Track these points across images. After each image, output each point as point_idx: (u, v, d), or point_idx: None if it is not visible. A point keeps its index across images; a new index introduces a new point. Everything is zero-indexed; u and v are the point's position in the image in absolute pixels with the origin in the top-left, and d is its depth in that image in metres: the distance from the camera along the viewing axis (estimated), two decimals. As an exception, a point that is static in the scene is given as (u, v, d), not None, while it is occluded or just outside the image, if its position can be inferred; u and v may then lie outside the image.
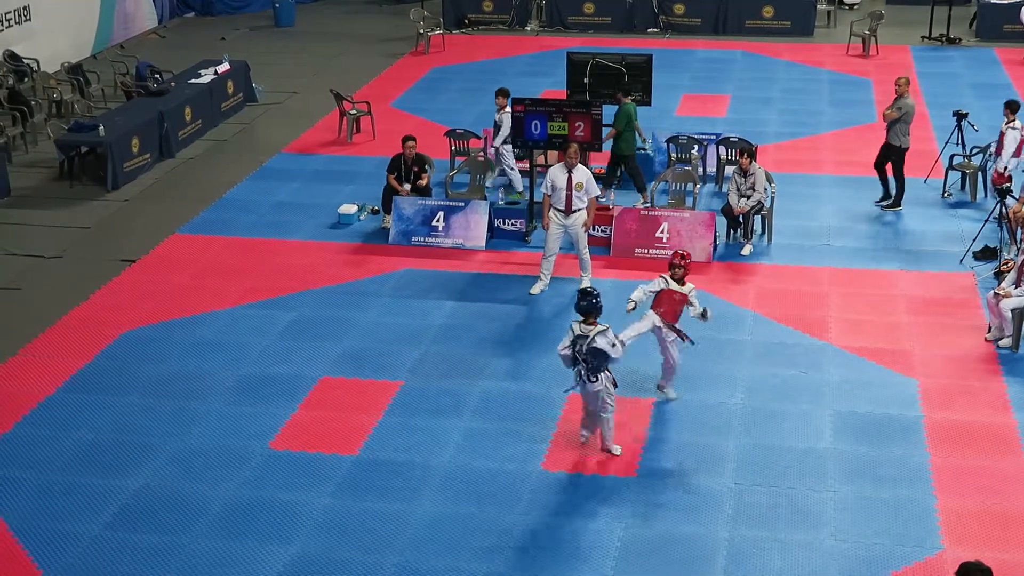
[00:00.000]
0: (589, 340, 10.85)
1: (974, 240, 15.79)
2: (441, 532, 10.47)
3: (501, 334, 14.01)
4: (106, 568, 10.06)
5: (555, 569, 9.99)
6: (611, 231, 16.12)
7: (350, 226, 17.20)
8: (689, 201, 17.05)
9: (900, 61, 26.14)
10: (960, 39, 27.77)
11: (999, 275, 14.69)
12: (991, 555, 9.71)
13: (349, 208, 17.40)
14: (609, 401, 11.21)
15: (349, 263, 16.04)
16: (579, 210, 14.65)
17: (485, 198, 17.09)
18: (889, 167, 17.29)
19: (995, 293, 13.53)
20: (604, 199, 15.91)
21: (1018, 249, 14.82)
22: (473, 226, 16.41)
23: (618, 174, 17.62)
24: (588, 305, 10.95)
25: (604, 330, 10.89)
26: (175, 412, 12.41)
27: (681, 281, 12.05)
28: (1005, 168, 16.77)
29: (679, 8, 29.22)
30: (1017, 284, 13.48)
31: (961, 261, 15.64)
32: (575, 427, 11.94)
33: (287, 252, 16.39)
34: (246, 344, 13.82)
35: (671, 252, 12.51)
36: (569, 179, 14.56)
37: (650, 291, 12.12)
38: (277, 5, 30.87)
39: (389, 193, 16.85)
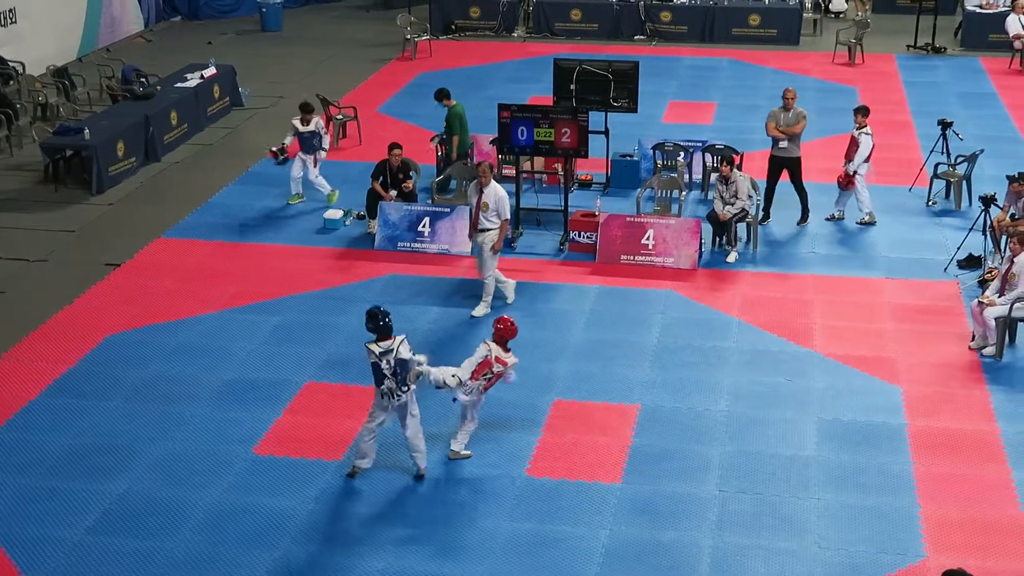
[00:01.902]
0: (395, 353, 10.82)
1: (958, 249, 15.83)
2: (426, 537, 10.46)
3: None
4: (88, 573, 10.03)
5: (539, 575, 9.98)
6: (597, 238, 16.13)
7: (335, 231, 17.17)
8: (675, 208, 17.08)
9: (885, 70, 26.23)
10: (945, 48, 27.87)
11: (983, 284, 14.75)
12: (973, 563, 9.75)
13: (335, 213, 17.37)
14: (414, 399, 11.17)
15: (334, 268, 16.01)
16: (486, 230, 14.49)
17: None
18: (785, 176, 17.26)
19: (979, 301, 13.59)
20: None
21: (1002, 258, 14.87)
22: (459, 232, 16.38)
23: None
24: (375, 327, 10.85)
25: (403, 340, 10.91)
26: (158, 417, 12.37)
27: (504, 346, 11.54)
28: (855, 172, 16.89)
29: (666, 16, 29.24)
30: (1001, 292, 13.55)
31: (945, 269, 15.68)
32: (560, 433, 11.94)
33: (272, 257, 16.36)
34: (230, 349, 13.78)
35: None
36: (479, 198, 14.51)
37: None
38: (264, 10, 30.81)
39: (374, 198, 16.83)
